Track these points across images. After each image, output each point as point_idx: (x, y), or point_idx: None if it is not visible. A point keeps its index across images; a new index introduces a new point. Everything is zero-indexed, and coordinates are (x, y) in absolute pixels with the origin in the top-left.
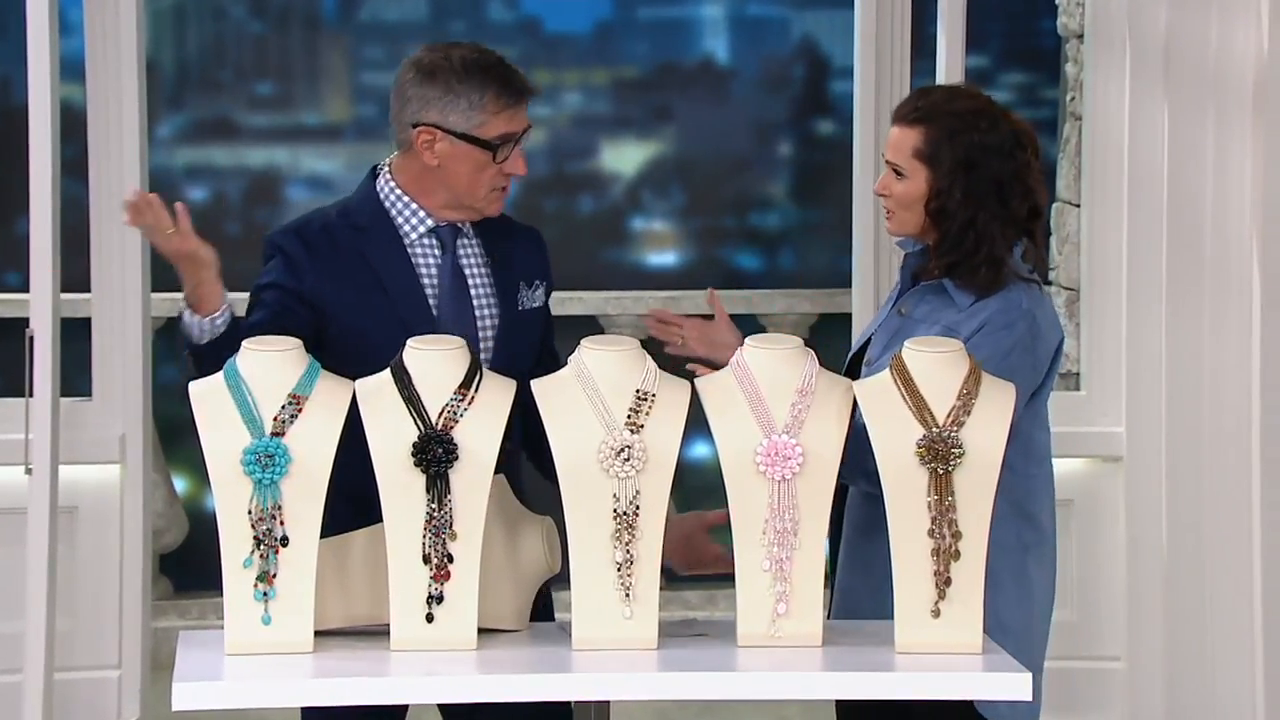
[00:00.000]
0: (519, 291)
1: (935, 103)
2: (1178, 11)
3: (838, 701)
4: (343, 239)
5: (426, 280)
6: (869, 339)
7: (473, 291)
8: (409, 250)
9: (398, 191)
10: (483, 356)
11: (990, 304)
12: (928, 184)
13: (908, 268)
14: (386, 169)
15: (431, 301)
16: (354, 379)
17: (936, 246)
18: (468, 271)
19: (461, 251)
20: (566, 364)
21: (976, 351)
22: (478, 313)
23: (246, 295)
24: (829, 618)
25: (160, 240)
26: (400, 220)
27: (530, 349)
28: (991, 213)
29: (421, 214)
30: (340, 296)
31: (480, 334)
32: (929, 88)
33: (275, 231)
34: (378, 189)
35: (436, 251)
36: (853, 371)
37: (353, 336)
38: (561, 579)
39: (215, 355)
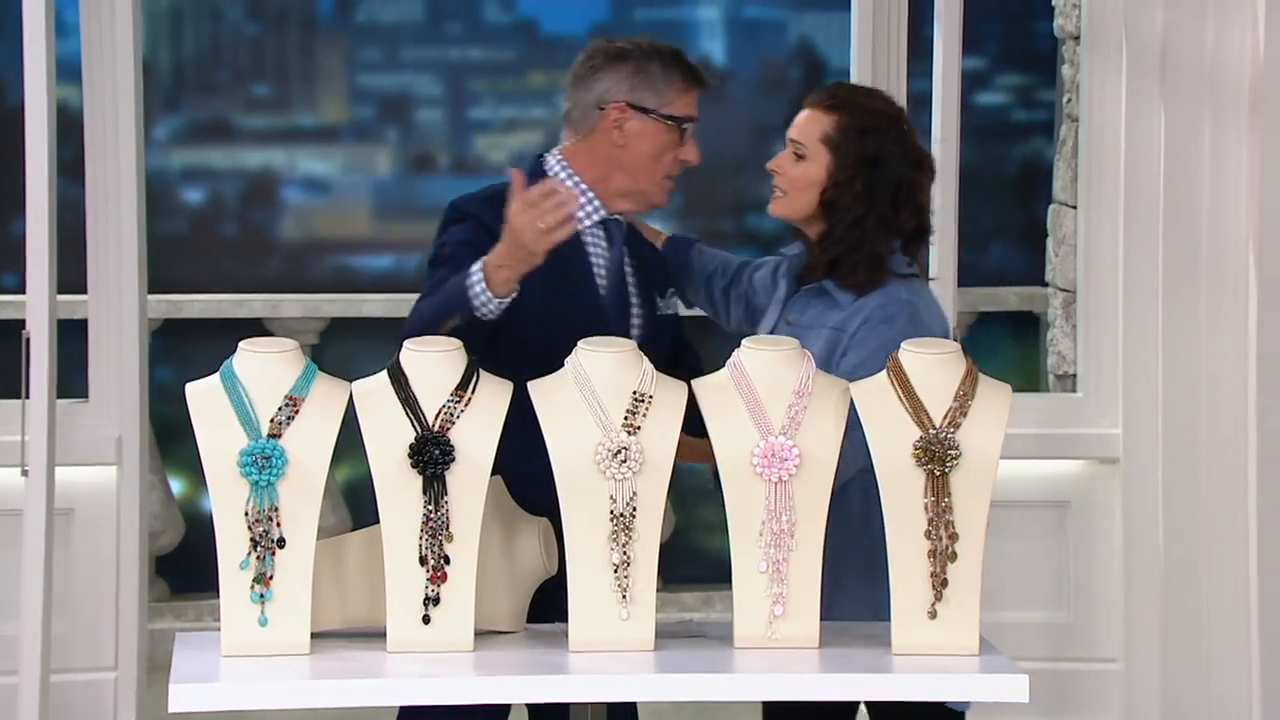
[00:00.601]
0: (655, 297)
1: (854, 96)
2: (1174, 13)
3: (764, 703)
4: None
5: (596, 270)
6: None
7: (628, 288)
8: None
9: (575, 178)
10: None
11: (871, 300)
12: (827, 171)
13: (790, 270)
14: (558, 155)
15: (601, 293)
16: (517, 359)
17: (820, 240)
18: (625, 268)
19: (623, 248)
20: (565, 365)
21: (861, 347)
22: (631, 310)
23: (243, 296)
24: None
25: (529, 231)
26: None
27: (661, 356)
28: (880, 215)
29: (596, 203)
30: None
31: (631, 333)
32: (848, 82)
33: (461, 198)
34: (549, 174)
35: (604, 244)
36: None
37: (528, 314)
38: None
39: (490, 330)
